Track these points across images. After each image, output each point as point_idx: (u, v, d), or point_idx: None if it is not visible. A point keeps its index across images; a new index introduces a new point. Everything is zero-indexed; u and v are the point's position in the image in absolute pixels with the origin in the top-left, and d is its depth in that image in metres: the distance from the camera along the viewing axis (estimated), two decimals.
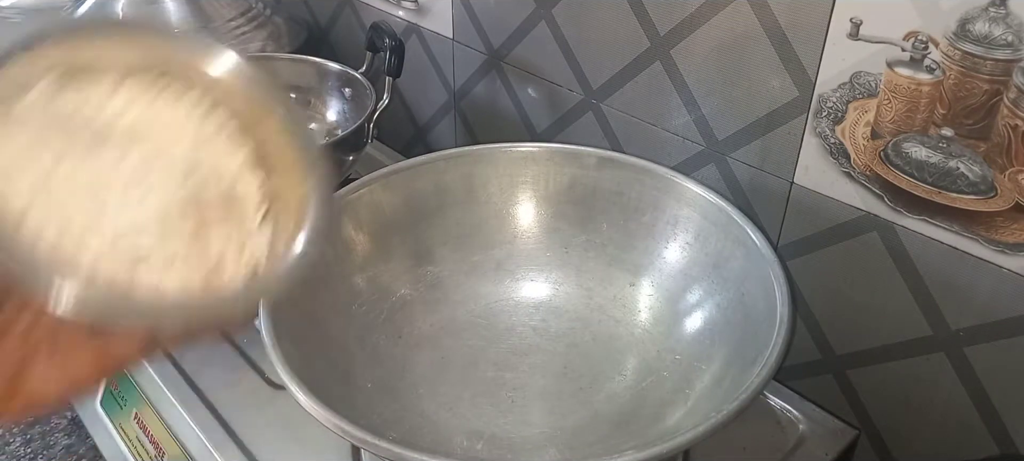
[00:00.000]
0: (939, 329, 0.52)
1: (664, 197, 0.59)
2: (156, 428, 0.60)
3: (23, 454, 0.68)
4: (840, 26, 0.50)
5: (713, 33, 0.58)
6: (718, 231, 0.56)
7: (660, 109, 0.64)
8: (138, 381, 0.63)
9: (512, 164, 0.63)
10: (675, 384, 0.54)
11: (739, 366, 0.48)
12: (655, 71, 0.63)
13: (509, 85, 0.78)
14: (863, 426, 0.59)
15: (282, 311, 0.48)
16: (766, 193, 0.59)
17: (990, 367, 0.51)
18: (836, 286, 0.57)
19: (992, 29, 0.44)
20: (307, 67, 0.89)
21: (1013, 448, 0.52)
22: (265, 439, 0.56)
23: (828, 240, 0.56)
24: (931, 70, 0.47)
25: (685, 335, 0.56)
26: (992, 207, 0.48)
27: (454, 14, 0.80)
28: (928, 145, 0.49)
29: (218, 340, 0.30)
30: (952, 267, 0.50)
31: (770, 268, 0.50)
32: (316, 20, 1.03)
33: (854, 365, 0.58)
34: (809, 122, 0.54)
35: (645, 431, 0.52)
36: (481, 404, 0.55)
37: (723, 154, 0.61)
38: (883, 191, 0.52)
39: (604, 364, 0.58)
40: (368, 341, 0.57)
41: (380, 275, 0.59)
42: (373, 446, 0.39)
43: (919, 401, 0.55)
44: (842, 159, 0.53)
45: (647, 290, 0.60)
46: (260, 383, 0.61)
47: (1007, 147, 0.46)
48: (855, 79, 0.51)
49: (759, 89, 0.56)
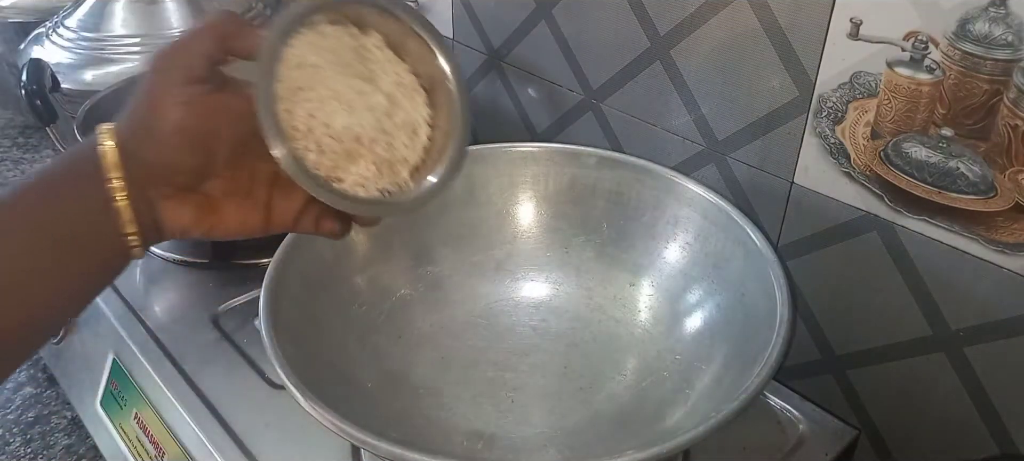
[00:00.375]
0: (939, 329, 0.52)
1: (664, 197, 0.59)
2: (156, 428, 0.60)
3: (23, 454, 0.68)
4: (840, 26, 0.50)
5: (713, 33, 0.58)
6: (718, 231, 0.56)
7: (660, 109, 0.64)
8: (138, 381, 0.63)
9: (512, 164, 0.63)
10: (675, 384, 0.54)
11: (739, 366, 0.48)
12: (655, 71, 0.63)
13: (509, 85, 0.78)
14: (863, 426, 0.59)
15: (282, 311, 0.48)
16: (766, 193, 0.59)
17: (990, 367, 0.51)
18: (836, 286, 0.57)
19: (992, 29, 0.44)
20: None
21: (1013, 448, 0.52)
22: (265, 439, 0.56)
23: (828, 240, 0.56)
24: (931, 70, 0.47)
25: (685, 335, 0.56)
26: (992, 207, 0.48)
27: (454, 14, 0.80)
28: (928, 145, 0.49)
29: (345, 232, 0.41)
30: (952, 267, 0.50)
31: (770, 268, 0.50)
32: None
33: (854, 365, 0.58)
34: (809, 122, 0.54)
35: (645, 431, 0.52)
36: (481, 404, 0.55)
37: (723, 154, 0.61)
38: (883, 191, 0.52)
39: (604, 364, 0.58)
40: (368, 341, 0.56)
41: (380, 275, 0.59)
42: (373, 446, 0.39)
43: (919, 401, 0.55)
44: (842, 159, 0.53)
45: (647, 290, 0.60)
46: (260, 383, 0.61)
47: (1007, 147, 0.46)
48: (855, 79, 0.51)
49: (759, 89, 0.56)
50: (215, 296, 0.69)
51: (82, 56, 0.89)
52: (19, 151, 1.02)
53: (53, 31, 0.92)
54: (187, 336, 0.65)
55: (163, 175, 0.36)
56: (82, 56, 0.89)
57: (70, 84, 0.85)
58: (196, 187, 0.38)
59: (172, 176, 0.36)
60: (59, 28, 0.92)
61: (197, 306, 0.68)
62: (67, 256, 0.35)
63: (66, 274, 0.36)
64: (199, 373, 0.62)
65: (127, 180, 0.35)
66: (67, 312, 0.38)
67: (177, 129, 0.35)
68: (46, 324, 0.37)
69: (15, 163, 0.99)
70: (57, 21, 0.93)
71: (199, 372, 0.62)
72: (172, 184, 0.37)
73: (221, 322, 0.67)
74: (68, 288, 0.36)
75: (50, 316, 0.37)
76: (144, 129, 0.35)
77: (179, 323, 0.67)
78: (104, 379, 0.66)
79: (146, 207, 0.36)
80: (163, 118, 0.35)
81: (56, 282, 0.35)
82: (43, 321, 0.37)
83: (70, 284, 0.36)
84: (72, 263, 0.36)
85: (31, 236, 0.34)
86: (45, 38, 0.92)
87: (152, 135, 0.35)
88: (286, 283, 0.50)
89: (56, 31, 0.92)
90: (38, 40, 0.93)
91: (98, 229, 0.35)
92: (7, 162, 0.99)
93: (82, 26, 0.91)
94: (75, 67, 0.88)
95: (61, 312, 0.37)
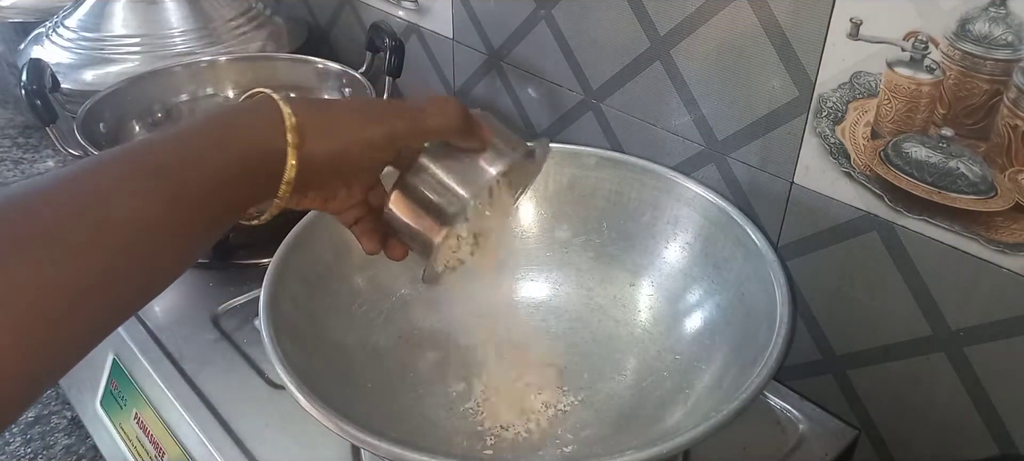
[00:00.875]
0: (939, 329, 0.52)
1: (664, 197, 0.59)
2: (156, 428, 0.60)
3: (23, 454, 0.68)
4: (840, 26, 0.50)
5: (713, 33, 0.58)
6: (718, 231, 0.56)
7: (660, 109, 0.64)
8: (138, 381, 0.63)
9: None
10: (675, 384, 0.54)
11: (739, 366, 0.48)
12: (655, 71, 0.63)
13: (509, 85, 0.78)
14: (863, 426, 0.59)
15: (282, 311, 0.48)
16: (766, 193, 0.59)
17: (990, 367, 0.51)
18: (836, 286, 0.57)
19: (992, 29, 0.44)
20: (307, 67, 0.90)
21: (1013, 448, 0.52)
22: (265, 439, 0.56)
23: (828, 240, 0.56)
24: (931, 70, 0.47)
25: (685, 335, 0.56)
26: (992, 207, 0.48)
27: (454, 14, 0.80)
28: (928, 145, 0.49)
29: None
30: (952, 267, 0.50)
31: (770, 268, 0.50)
32: (316, 20, 1.03)
33: (854, 365, 0.58)
34: (809, 122, 0.54)
35: (645, 431, 0.52)
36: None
37: (723, 154, 0.61)
38: (883, 191, 0.52)
39: (604, 364, 0.58)
40: (368, 341, 0.57)
41: (380, 275, 0.59)
42: (373, 446, 0.39)
43: (919, 401, 0.55)
44: (842, 159, 0.53)
45: (647, 290, 0.60)
46: (260, 383, 0.61)
47: (1007, 147, 0.46)
48: (855, 79, 0.51)
49: (759, 89, 0.56)
50: (215, 296, 0.69)
51: (82, 56, 0.89)
52: (19, 151, 1.02)
53: (53, 31, 0.92)
54: (187, 336, 0.65)
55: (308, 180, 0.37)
56: (82, 56, 0.89)
57: (70, 84, 0.85)
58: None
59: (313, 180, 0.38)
60: (59, 28, 0.92)
61: (197, 306, 0.68)
62: (243, 189, 0.35)
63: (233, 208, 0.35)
64: (199, 373, 0.62)
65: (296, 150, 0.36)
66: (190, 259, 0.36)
67: (348, 175, 0.40)
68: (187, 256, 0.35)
69: (15, 163, 0.99)
70: (57, 21, 0.93)
71: (199, 372, 0.62)
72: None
73: (221, 322, 0.67)
74: (217, 227, 0.35)
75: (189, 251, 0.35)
76: (325, 144, 0.37)
77: (179, 323, 0.67)
78: (104, 379, 0.66)
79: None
80: (347, 161, 0.38)
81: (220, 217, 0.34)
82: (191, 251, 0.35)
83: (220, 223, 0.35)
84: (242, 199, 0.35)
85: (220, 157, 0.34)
86: (45, 38, 0.92)
87: (328, 156, 0.37)
88: (286, 283, 0.50)
89: (56, 31, 0.92)
90: (38, 40, 0.93)
91: (267, 172, 0.35)
92: (7, 162, 0.99)
93: (82, 26, 0.91)
94: (75, 67, 0.88)
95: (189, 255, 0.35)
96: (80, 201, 0.29)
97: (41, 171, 0.97)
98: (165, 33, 0.91)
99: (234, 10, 0.96)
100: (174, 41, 0.91)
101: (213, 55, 0.90)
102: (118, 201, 0.30)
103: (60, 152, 0.72)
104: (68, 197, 0.29)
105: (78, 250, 0.28)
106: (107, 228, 0.29)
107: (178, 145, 0.33)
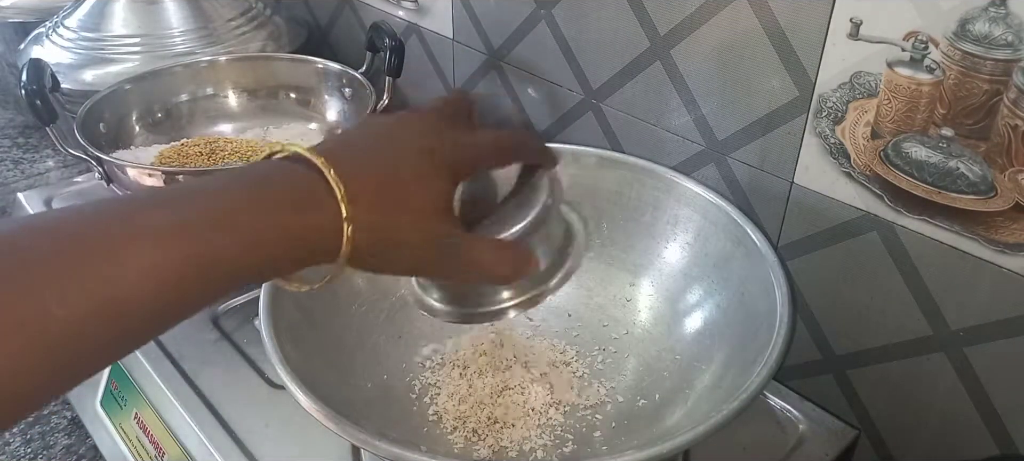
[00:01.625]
0: (939, 329, 0.52)
1: (664, 197, 0.59)
2: (156, 428, 0.60)
3: (23, 454, 0.68)
4: (840, 26, 0.50)
5: (713, 33, 0.58)
6: (718, 231, 0.56)
7: (660, 109, 0.64)
8: (138, 381, 0.63)
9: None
10: (675, 384, 0.54)
11: (739, 366, 0.48)
12: (655, 71, 0.63)
13: (509, 85, 0.78)
14: (863, 426, 0.59)
15: (282, 311, 0.48)
16: (766, 193, 0.59)
17: (990, 367, 0.51)
18: (836, 286, 0.57)
19: (992, 29, 0.44)
20: (307, 67, 0.90)
21: (1013, 448, 0.52)
22: (265, 439, 0.56)
23: (828, 240, 0.56)
24: (931, 70, 0.47)
25: (685, 335, 0.57)
26: (992, 207, 0.48)
27: (454, 14, 0.80)
28: (928, 145, 0.49)
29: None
30: (952, 267, 0.50)
31: (770, 268, 0.50)
32: (316, 20, 1.03)
33: (854, 365, 0.58)
34: (809, 122, 0.54)
35: (645, 431, 0.52)
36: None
37: (723, 154, 0.61)
38: (883, 191, 0.52)
39: (604, 364, 0.58)
40: (368, 341, 0.57)
41: (380, 275, 0.59)
42: (373, 446, 0.39)
43: (919, 401, 0.55)
44: (842, 159, 0.53)
45: (647, 290, 0.60)
46: (260, 383, 0.61)
47: (1007, 147, 0.46)
48: (855, 79, 0.51)
49: (759, 89, 0.56)
50: None
51: (82, 56, 0.89)
52: (19, 151, 1.02)
53: (53, 31, 0.92)
54: (187, 336, 0.65)
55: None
56: (82, 56, 0.89)
57: (70, 84, 0.85)
58: None
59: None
60: (59, 28, 0.92)
61: None
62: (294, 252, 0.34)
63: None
64: (199, 373, 0.62)
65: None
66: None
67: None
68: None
69: (15, 163, 0.99)
70: (57, 21, 0.93)
71: (199, 372, 0.62)
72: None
73: (221, 322, 0.67)
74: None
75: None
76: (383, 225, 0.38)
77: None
78: (104, 379, 0.66)
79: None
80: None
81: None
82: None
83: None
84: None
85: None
86: (45, 38, 0.92)
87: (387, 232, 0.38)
88: None
89: (56, 31, 0.92)
90: (38, 40, 0.93)
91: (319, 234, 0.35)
92: (7, 162, 0.99)
93: (82, 26, 0.91)
94: (75, 67, 0.88)
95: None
96: (102, 246, 0.28)
97: (41, 171, 0.97)
98: (165, 33, 0.91)
99: (234, 10, 0.96)
100: (174, 41, 0.91)
101: (213, 55, 0.90)
102: (135, 249, 0.29)
103: (60, 152, 0.72)
104: (91, 243, 0.28)
105: (87, 293, 0.27)
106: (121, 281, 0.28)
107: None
